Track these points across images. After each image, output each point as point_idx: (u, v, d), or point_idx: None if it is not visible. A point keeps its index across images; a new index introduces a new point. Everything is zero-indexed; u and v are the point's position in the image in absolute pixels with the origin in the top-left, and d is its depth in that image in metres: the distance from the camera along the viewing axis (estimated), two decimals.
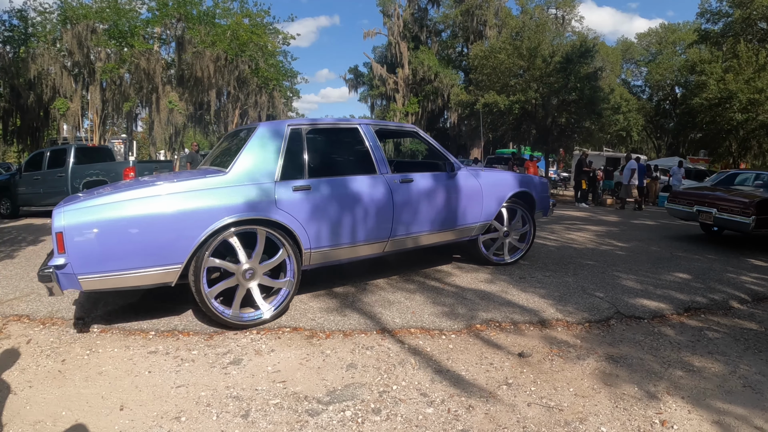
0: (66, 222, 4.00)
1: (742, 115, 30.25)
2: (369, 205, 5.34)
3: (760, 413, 3.34)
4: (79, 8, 16.41)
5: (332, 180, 5.22)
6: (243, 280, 4.68)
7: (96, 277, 4.07)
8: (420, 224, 5.84)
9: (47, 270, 3.93)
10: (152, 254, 4.19)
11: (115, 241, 4.08)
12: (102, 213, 4.08)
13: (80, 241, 4.00)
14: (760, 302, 6.15)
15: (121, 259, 4.11)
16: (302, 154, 5.10)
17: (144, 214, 4.16)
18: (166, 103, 15.39)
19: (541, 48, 27.40)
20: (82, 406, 3.24)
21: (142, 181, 5.03)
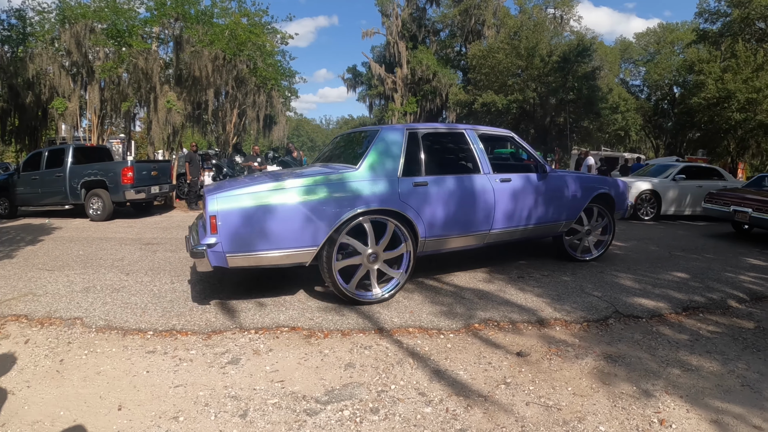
0: (219, 207, 4.67)
1: (740, 114, 30.25)
2: (474, 201, 5.96)
3: (759, 412, 3.34)
4: (78, 8, 16.38)
5: (444, 178, 5.83)
6: (367, 263, 5.31)
7: (241, 255, 4.77)
8: (515, 220, 6.41)
9: (200, 248, 4.64)
10: (293, 237, 4.87)
11: (261, 224, 4.76)
12: (252, 200, 4.77)
13: (230, 224, 4.67)
14: (759, 301, 6.14)
15: (265, 240, 4.79)
16: (419, 154, 5.75)
17: (288, 203, 4.86)
18: (164, 102, 15.37)
19: (539, 48, 27.45)
20: (80, 405, 3.24)
21: (285, 173, 5.79)
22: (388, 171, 5.44)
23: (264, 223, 4.76)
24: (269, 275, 6.55)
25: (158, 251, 8.23)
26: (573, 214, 7.11)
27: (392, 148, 5.58)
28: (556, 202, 6.82)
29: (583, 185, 7.21)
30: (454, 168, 6.36)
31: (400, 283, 5.54)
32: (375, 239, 5.27)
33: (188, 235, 5.54)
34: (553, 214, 6.84)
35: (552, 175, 6.85)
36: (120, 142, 24.25)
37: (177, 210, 15.13)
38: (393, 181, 5.39)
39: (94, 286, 6.01)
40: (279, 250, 4.85)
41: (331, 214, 4.96)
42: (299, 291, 5.87)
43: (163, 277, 6.48)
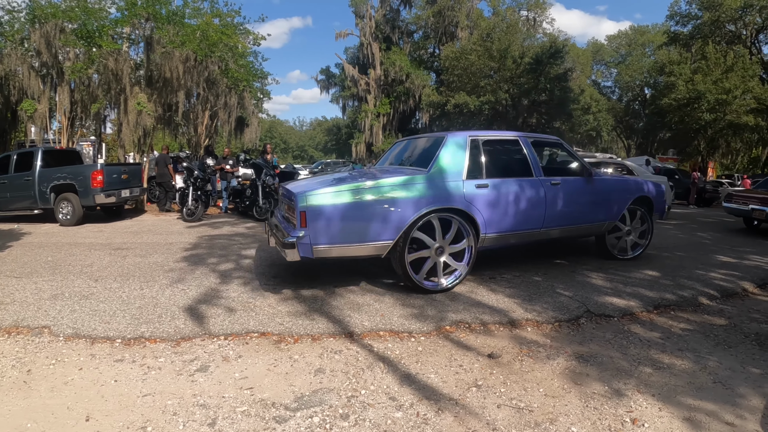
0: (308, 203, 5.30)
1: (710, 114, 30.82)
2: (528, 202, 6.54)
3: (731, 409, 3.41)
4: (48, 7, 16.09)
5: (502, 180, 6.43)
6: (434, 255, 5.93)
7: (325, 247, 5.39)
8: (564, 219, 7.02)
9: (291, 239, 5.28)
10: (372, 232, 5.51)
11: (344, 220, 5.40)
12: (337, 198, 5.42)
13: (318, 219, 5.32)
14: (730, 298, 6.27)
15: (348, 235, 5.44)
16: (480, 159, 6.37)
17: (369, 201, 5.50)
18: (134, 104, 15.17)
19: (511, 49, 27.70)
20: (47, 417, 3.20)
21: (365, 174, 6.54)
22: (454, 174, 6.09)
23: (347, 218, 5.43)
24: (235, 277, 6.54)
25: (128, 256, 8.14)
26: (615, 214, 7.64)
27: (457, 153, 6.24)
28: (600, 204, 7.42)
29: (624, 188, 7.80)
30: (511, 171, 6.75)
31: (462, 275, 6.13)
32: (442, 234, 5.93)
33: (271, 229, 6.25)
34: (597, 215, 7.42)
35: (596, 179, 7.45)
36: (90, 144, 23.93)
37: (148, 214, 14.98)
38: (458, 183, 6.04)
39: (63, 293, 5.93)
40: (359, 243, 5.52)
41: (406, 211, 5.61)
42: (269, 295, 5.85)
43: (132, 283, 6.41)
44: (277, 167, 16.13)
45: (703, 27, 34.88)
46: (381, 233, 5.53)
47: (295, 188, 5.77)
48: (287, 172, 16.88)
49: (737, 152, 38.53)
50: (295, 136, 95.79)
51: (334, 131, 76.99)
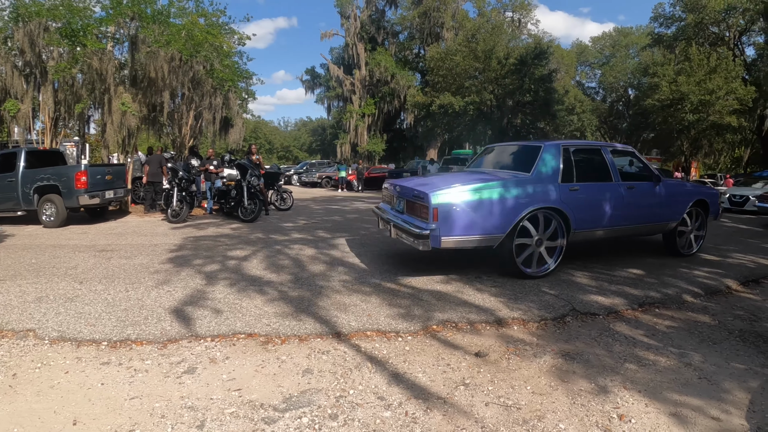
0: (439, 200, 6.18)
1: (693, 115, 31.11)
2: (610, 203, 7.44)
3: (716, 404, 3.46)
4: (32, 5, 15.90)
5: (589, 184, 7.33)
6: (534, 246, 6.83)
7: (452, 238, 6.25)
8: (638, 218, 7.87)
9: (425, 232, 6.14)
10: (489, 225, 6.40)
11: (468, 215, 6.30)
12: (464, 196, 6.33)
13: (447, 215, 6.19)
14: (713, 296, 6.36)
15: (470, 227, 6.33)
16: (571, 165, 7.19)
17: (488, 198, 6.42)
18: (118, 104, 15.03)
19: (496, 50, 27.81)
20: (34, 422, 3.17)
21: (480, 175, 7.34)
22: (552, 178, 6.99)
23: (471, 214, 6.32)
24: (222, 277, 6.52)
25: (113, 258, 8.08)
26: (679, 215, 8.40)
27: (553, 160, 7.10)
28: (666, 205, 8.22)
29: (686, 191, 8.68)
30: (595, 176, 7.58)
31: (550, 268, 7.00)
32: (544, 229, 6.86)
33: (386, 222, 7.32)
34: (665, 214, 8.23)
35: (664, 183, 8.25)
36: (74, 145, 23.70)
37: (132, 215, 14.87)
38: (555, 186, 6.94)
39: (47, 295, 5.88)
40: (479, 234, 6.38)
41: (517, 208, 6.53)
42: (256, 296, 5.85)
43: (118, 285, 6.36)
44: (262, 167, 16.09)
45: (686, 29, 35.23)
46: (496, 226, 6.45)
47: (423, 187, 6.62)
48: (272, 173, 16.83)
49: (720, 152, 38.99)
50: (280, 136, 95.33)
51: (319, 132, 76.88)
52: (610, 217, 7.46)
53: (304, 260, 7.97)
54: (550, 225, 6.92)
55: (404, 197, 7.09)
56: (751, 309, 5.81)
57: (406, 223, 6.62)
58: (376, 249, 8.95)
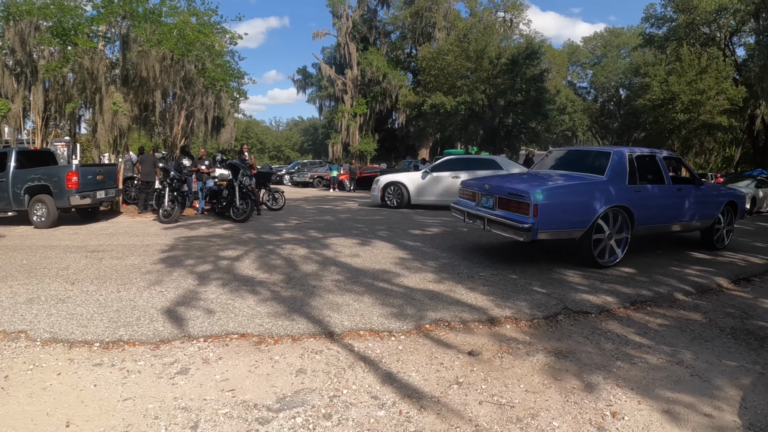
0: (539, 199, 6.96)
1: (684, 115, 31.26)
2: (664, 202, 8.42)
3: (708, 401, 3.49)
4: (23, 4, 15.78)
5: (648, 186, 8.27)
6: (606, 239, 7.67)
7: (546, 232, 7.07)
8: (685, 216, 8.83)
9: (526, 225, 6.88)
10: (576, 220, 7.30)
11: (561, 211, 7.21)
12: (557, 195, 7.33)
13: (544, 211, 6.96)
14: (705, 294, 6.42)
15: (560, 222, 7.21)
16: (634, 169, 8.11)
17: (575, 197, 7.46)
18: (110, 104, 14.93)
19: (488, 50, 27.83)
20: (26, 424, 3.15)
21: (562, 176, 8.27)
22: (621, 180, 7.86)
23: (563, 210, 7.23)
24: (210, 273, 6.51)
25: (104, 259, 8.05)
26: (715, 214, 9.43)
27: (622, 164, 7.99)
28: (707, 205, 9.22)
29: (721, 193, 9.77)
30: (653, 179, 8.60)
31: (618, 258, 7.83)
32: (613, 224, 7.70)
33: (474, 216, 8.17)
34: (705, 213, 9.21)
35: (704, 187, 9.30)
36: (65, 145, 23.56)
37: (124, 215, 14.80)
38: (624, 187, 7.83)
39: (39, 296, 5.84)
40: (567, 229, 7.29)
41: (596, 206, 7.39)
42: (248, 296, 5.84)
43: (110, 285, 6.34)
44: (254, 167, 16.05)
45: (678, 29, 35.39)
46: (580, 221, 7.31)
47: (521, 187, 7.39)
48: (264, 173, 16.80)
49: (711, 152, 39.13)
50: (272, 136, 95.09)
51: (311, 131, 76.87)
52: (664, 215, 8.48)
53: (296, 260, 7.96)
54: (618, 220, 7.74)
55: (495, 194, 7.83)
56: (743, 307, 5.86)
57: (504, 218, 7.38)
58: (368, 248, 8.95)
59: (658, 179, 8.59)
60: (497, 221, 7.49)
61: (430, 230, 11.48)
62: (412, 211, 15.94)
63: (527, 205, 6.98)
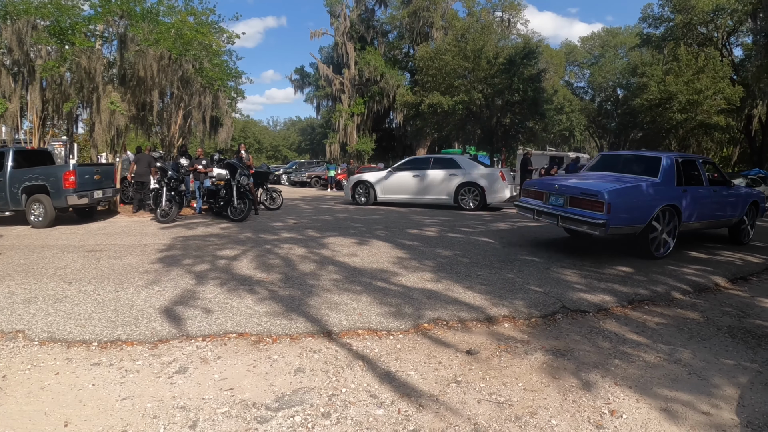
0: (611, 198, 7.69)
1: (681, 114, 31.31)
2: (704, 202, 9.28)
3: (706, 399, 3.50)
4: (20, 3, 15.74)
5: (691, 187, 9.04)
6: (659, 234, 8.50)
7: (615, 227, 7.78)
8: (718, 214, 9.81)
9: (601, 221, 7.64)
10: (638, 217, 8.08)
11: (628, 209, 7.94)
12: (626, 195, 8.05)
13: (615, 208, 7.67)
14: (702, 293, 6.44)
15: (626, 219, 7.94)
16: (681, 172, 8.94)
17: (639, 197, 8.25)
18: (107, 103, 14.90)
19: (485, 50, 27.83)
20: (24, 424, 3.14)
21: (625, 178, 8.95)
22: (671, 182, 8.73)
23: (629, 208, 7.96)
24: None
25: (102, 258, 8.04)
26: (742, 212, 10.34)
27: (671, 168, 8.84)
28: (735, 204, 10.13)
29: (746, 194, 10.61)
30: (694, 181, 9.36)
31: (670, 249, 8.73)
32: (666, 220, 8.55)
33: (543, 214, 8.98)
34: (734, 212, 10.14)
35: (734, 189, 10.22)
36: (62, 144, 23.54)
37: (121, 215, 14.78)
38: (674, 188, 8.70)
39: (36, 296, 5.83)
40: (630, 224, 8.04)
41: (654, 205, 8.23)
42: (246, 296, 5.84)
43: (107, 285, 6.33)
44: (252, 167, 16.04)
45: (675, 29, 35.46)
46: (641, 218, 8.10)
47: (592, 187, 8.21)
48: (261, 173, 16.79)
49: (708, 151, 39.17)
50: (269, 136, 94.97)
51: (308, 131, 76.82)
52: (704, 212, 9.35)
53: (294, 259, 7.96)
54: (668, 217, 8.56)
55: (567, 194, 8.56)
56: (740, 305, 5.87)
57: (578, 215, 8.14)
58: (366, 248, 8.95)
59: (698, 181, 9.41)
60: (571, 218, 8.27)
61: (428, 230, 11.48)
62: (410, 211, 15.95)
63: (601, 203, 7.73)
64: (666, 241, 8.65)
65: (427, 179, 17.13)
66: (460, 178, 16.67)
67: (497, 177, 16.49)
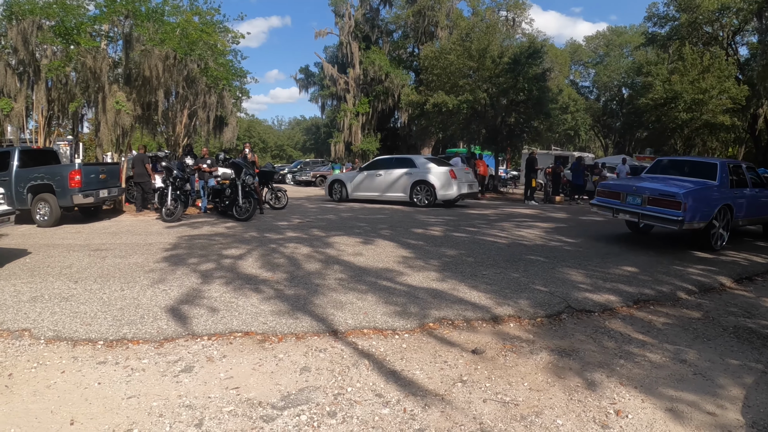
0: (685, 198, 8.78)
1: (686, 114, 31.14)
2: (750, 201, 10.44)
3: (711, 399, 3.49)
4: (26, 3, 15.79)
5: (740, 189, 10.28)
6: (717, 230, 9.61)
7: (689, 223, 8.90)
8: (759, 212, 10.98)
9: (680, 218, 8.73)
10: (704, 215, 9.14)
11: (698, 207, 9.00)
12: (697, 195, 9.08)
13: (690, 207, 8.80)
14: (707, 293, 6.42)
15: (696, 216, 8.97)
16: (731, 177, 10.20)
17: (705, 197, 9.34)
18: (112, 103, 14.92)
19: (490, 49, 27.73)
20: (30, 422, 3.16)
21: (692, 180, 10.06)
22: (726, 184, 9.95)
23: (698, 207, 9.01)
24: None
25: (107, 257, 8.06)
26: None
27: (725, 172, 10.09)
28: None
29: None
30: (742, 184, 10.51)
31: (725, 241, 9.84)
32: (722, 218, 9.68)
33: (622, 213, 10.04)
34: None
35: None
36: (67, 144, 23.60)
37: (126, 214, 14.81)
38: (728, 190, 9.91)
39: (42, 295, 5.85)
40: (699, 221, 9.07)
41: (716, 204, 9.42)
42: (252, 295, 5.85)
43: (113, 284, 6.34)
44: (257, 165, 16.05)
45: (680, 28, 35.26)
46: (707, 216, 9.20)
47: (668, 188, 9.29)
48: (267, 172, 16.80)
49: (713, 151, 39.02)
50: (274, 135, 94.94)
51: (313, 130, 76.78)
52: (750, 211, 10.51)
53: (299, 259, 7.97)
54: (723, 215, 9.65)
55: (645, 195, 9.59)
56: (745, 306, 5.86)
57: (657, 213, 9.23)
58: (371, 247, 8.96)
59: (744, 184, 10.54)
60: (650, 215, 9.38)
61: (433, 229, 11.49)
62: (414, 210, 15.96)
63: (678, 203, 8.86)
64: (722, 234, 9.80)
65: (388, 178, 18.43)
66: (414, 176, 17.81)
67: (447, 176, 17.34)
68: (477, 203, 20.42)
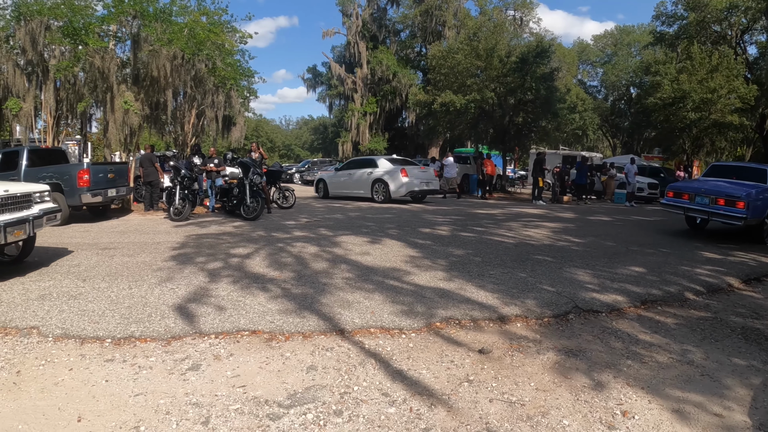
0: (747, 199, 10.20)
1: (695, 113, 31.00)
2: None
3: (718, 400, 3.47)
4: (34, 4, 15.89)
5: None
6: (764, 228, 10.85)
7: (749, 219, 10.30)
8: None
9: (744, 216, 10.17)
10: (758, 213, 10.50)
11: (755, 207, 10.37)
12: (754, 196, 10.43)
13: (752, 206, 10.20)
14: (715, 293, 6.40)
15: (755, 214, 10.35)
16: None
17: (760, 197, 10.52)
18: (121, 103, 14.99)
19: (498, 48, 27.69)
20: (38, 418, 3.17)
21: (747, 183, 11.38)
22: None
23: (756, 206, 10.34)
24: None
25: (115, 256, 8.09)
26: None
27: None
28: None
29: None
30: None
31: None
32: None
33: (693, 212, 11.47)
34: None
35: None
36: (76, 143, 23.71)
37: (134, 213, 14.87)
38: None
39: (50, 293, 5.88)
40: (756, 218, 10.45)
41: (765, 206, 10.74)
42: (259, 294, 5.86)
43: (121, 282, 6.37)
44: (265, 160, 16.09)
45: (688, 27, 35.12)
46: (760, 213, 10.53)
47: (734, 191, 10.66)
48: (274, 171, 16.84)
49: (722, 151, 38.86)
50: (282, 135, 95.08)
51: (321, 130, 76.81)
52: None
53: (306, 258, 7.98)
54: None
55: (713, 195, 10.91)
56: (753, 307, 5.83)
57: (724, 211, 10.60)
58: (378, 246, 8.96)
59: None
60: (718, 213, 10.75)
61: (440, 229, 11.49)
62: (422, 210, 15.98)
63: (743, 203, 10.27)
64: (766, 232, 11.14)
65: (355, 177, 20.38)
66: (374, 176, 19.55)
67: (399, 174, 18.85)
68: (485, 203, 20.49)
